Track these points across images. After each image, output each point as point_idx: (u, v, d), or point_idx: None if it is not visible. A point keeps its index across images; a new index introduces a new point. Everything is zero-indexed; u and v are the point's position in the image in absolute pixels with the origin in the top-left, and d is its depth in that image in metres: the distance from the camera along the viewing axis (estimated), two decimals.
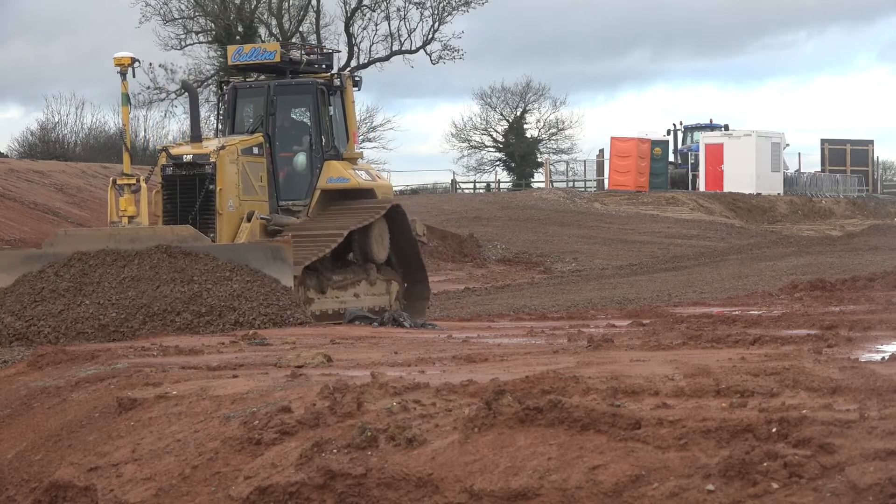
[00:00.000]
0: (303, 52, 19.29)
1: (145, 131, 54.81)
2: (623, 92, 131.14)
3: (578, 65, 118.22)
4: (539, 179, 70.10)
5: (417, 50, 65.24)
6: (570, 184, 64.37)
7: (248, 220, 17.29)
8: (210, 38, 61.51)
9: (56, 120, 56.67)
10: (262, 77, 19.75)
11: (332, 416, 6.80)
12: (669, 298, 20.77)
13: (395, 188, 73.77)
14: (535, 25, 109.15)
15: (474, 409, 6.30)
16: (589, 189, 61.22)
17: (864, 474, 5.03)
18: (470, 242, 37.60)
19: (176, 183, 17.34)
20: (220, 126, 19.22)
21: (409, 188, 70.81)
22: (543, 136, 78.28)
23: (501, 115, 78.56)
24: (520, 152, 75.66)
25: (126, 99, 16.80)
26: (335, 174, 18.59)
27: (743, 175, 53.99)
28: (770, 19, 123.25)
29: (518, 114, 78.12)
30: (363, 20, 64.89)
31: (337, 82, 18.94)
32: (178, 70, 60.82)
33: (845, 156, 63.02)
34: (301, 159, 18.66)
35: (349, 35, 64.69)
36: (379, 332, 13.20)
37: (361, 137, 68.67)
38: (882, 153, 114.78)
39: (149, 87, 60.32)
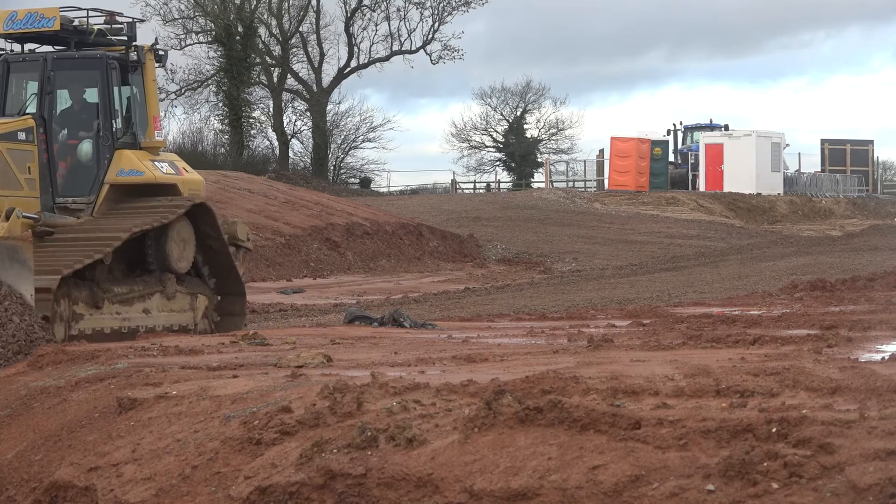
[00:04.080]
0: (89, 19, 16.26)
1: None
2: (637, 92, 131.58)
3: (595, 65, 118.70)
4: (539, 179, 70.16)
5: (417, 50, 65.38)
6: (570, 184, 64.40)
7: (7, 218, 14.40)
8: (210, 39, 61.58)
9: None
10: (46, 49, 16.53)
11: (332, 416, 6.80)
12: (669, 298, 20.76)
13: (395, 188, 73.69)
14: (554, 26, 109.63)
15: (474, 409, 6.30)
16: (589, 189, 61.24)
17: (864, 474, 5.03)
18: (470, 242, 37.61)
19: None
20: None
21: (409, 188, 70.85)
22: (543, 136, 78.38)
23: (501, 115, 78.65)
24: (520, 152, 75.70)
25: None
26: (128, 166, 15.75)
27: (743, 175, 54.01)
28: (790, 18, 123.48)
29: (518, 114, 78.19)
30: (363, 20, 65.09)
31: (134, 56, 16.04)
32: (178, 70, 60.91)
33: (845, 156, 63.03)
34: (85, 148, 15.86)
35: (349, 35, 64.79)
36: (379, 333, 13.19)
37: (361, 137, 68.72)
38: (884, 153, 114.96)
39: None
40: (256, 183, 41.54)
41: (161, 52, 16.63)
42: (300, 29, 64.69)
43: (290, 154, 65.72)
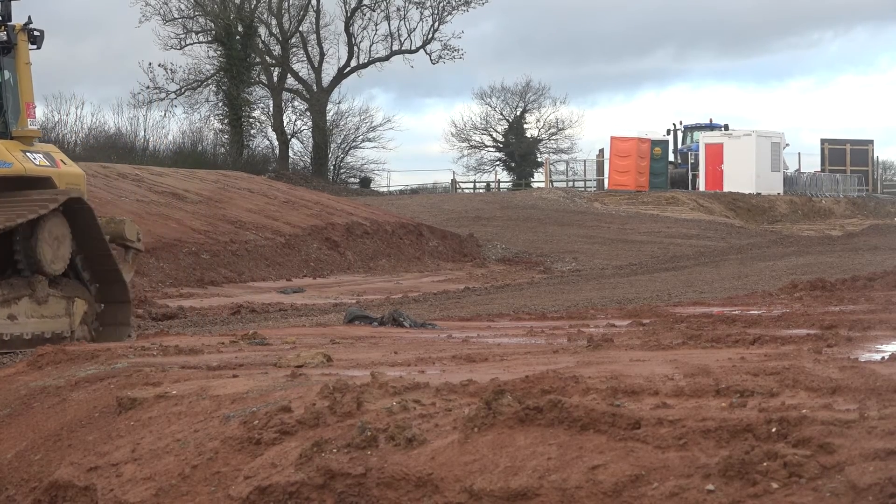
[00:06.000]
0: None
1: (145, 131, 54.87)
2: (643, 91, 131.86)
3: (601, 64, 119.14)
4: (539, 179, 70.23)
5: (417, 50, 65.47)
6: (570, 183, 64.42)
7: None
8: (210, 38, 61.65)
9: (56, 119, 56.62)
10: None
11: (331, 416, 6.79)
12: (669, 298, 20.75)
13: (395, 188, 73.97)
14: (562, 25, 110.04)
15: (474, 409, 6.29)
16: (589, 189, 61.28)
17: (864, 474, 5.02)
18: (470, 242, 37.62)
19: None
20: None
21: (409, 188, 70.88)
22: (543, 135, 78.43)
23: (501, 114, 78.70)
24: (520, 152, 75.75)
25: None
26: None
27: (743, 175, 54.06)
28: (796, 19, 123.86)
29: (518, 113, 78.23)
30: (363, 20, 65.23)
31: (4, 37, 14.54)
32: (178, 70, 61.02)
33: (845, 156, 63.05)
34: None
35: (349, 35, 64.87)
36: (379, 332, 13.19)
37: (361, 137, 68.75)
38: (886, 153, 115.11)
39: (148, 87, 60.57)
40: (256, 183, 41.58)
41: (36, 33, 14.93)
42: (300, 28, 64.82)
43: (290, 154, 65.86)
